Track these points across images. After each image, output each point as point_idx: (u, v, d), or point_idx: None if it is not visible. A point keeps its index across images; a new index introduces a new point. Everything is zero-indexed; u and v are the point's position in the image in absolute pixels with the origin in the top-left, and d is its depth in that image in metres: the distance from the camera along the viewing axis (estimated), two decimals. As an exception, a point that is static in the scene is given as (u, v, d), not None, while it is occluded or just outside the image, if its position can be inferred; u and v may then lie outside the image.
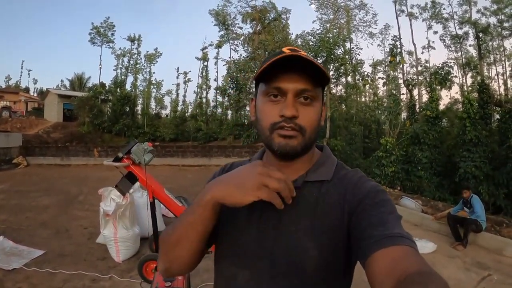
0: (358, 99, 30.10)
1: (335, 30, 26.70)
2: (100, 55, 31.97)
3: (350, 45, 27.02)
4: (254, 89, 1.04)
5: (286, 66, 0.88)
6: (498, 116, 18.40)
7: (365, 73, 23.08)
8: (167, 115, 36.18)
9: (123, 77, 33.08)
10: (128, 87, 32.91)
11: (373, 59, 33.41)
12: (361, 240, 0.81)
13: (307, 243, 0.89)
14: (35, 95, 49.22)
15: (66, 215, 8.08)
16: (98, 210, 5.71)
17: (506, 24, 25.12)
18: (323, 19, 29.43)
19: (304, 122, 0.90)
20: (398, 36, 22.06)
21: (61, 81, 59.83)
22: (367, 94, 34.65)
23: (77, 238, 6.36)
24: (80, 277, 4.62)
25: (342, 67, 21.10)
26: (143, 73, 34.05)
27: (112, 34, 32.13)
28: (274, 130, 0.91)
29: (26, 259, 5.21)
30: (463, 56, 27.57)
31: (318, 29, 23.26)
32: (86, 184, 12.47)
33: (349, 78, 25.97)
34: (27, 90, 50.45)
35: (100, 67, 32.63)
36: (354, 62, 24.35)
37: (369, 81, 22.23)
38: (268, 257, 0.91)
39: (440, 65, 18.83)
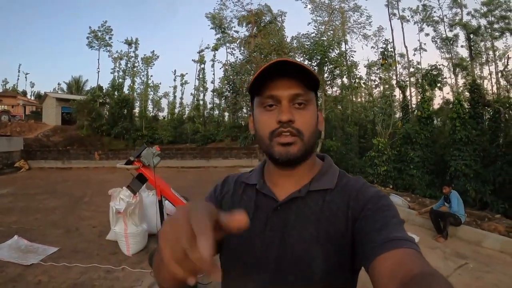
0: (354, 99, 30.55)
1: (330, 32, 27.15)
2: (98, 59, 32.11)
3: (345, 47, 27.44)
4: (250, 104, 1.05)
5: (276, 74, 0.90)
6: (488, 116, 18.80)
7: (358, 75, 23.52)
8: (164, 118, 36.46)
9: (120, 80, 33.45)
10: (125, 90, 33.27)
11: (368, 60, 33.91)
12: (364, 245, 0.82)
13: (313, 252, 0.89)
14: (32, 98, 49.33)
15: (74, 216, 8.45)
16: (105, 210, 6.14)
17: (496, 26, 25.79)
18: (318, 21, 29.82)
19: (301, 126, 0.91)
20: (389, 40, 22.53)
21: (58, 84, 60.16)
22: (363, 94, 35.11)
23: (87, 236, 6.75)
24: (95, 270, 5.05)
25: (337, 69, 21.49)
26: (141, 76, 34.42)
27: (110, 38, 32.51)
28: (273, 138, 0.92)
29: (42, 255, 5.58)
30: (453, 58, 28.12)
31: (312, 32, 23.74)
32: (89, 187, 12.80)
33: (345, 79, 26.45)
34: (24, 93, 50.52)
35: (98, 71, 32.98)
36: (349, 63, 24.76)
37: (361, 83, 22.63)
38: (274, 268, 0.91)
39: (430, 68, 19.35)
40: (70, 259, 5.43)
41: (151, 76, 38.52)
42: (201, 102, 33.29)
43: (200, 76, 33.60)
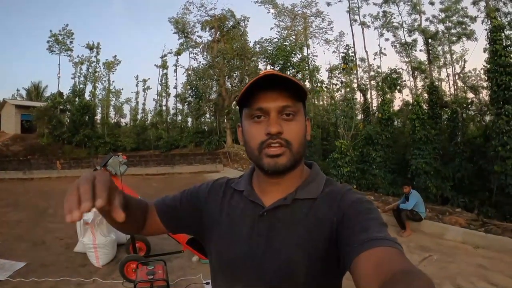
0: (316, 102, 31.00)
1: (292, 37, 27.48)
2: (59, 64, 31.18)
3: (307, 52, 27.85)
4: (238, 115, 1.07)
5: (265, 87, 0.92)
6: (446, 116, 19.49)
7: (320, 79, 23.90)
8: (126, 124, 35.86)
9: (81, 86, 32.66)
10: (87, 96, 32.54)
11: (329, 64, 34.44)
12: (346, 245, 0.82)
13: (297, 256, 0.91)
14: (-11, 106, 47.40)
15: (40, 228, 8.28)
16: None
17: (453, 31, 27.04)
18: (281, 26, 30.04)
19: (290, 137, 0.93)
20: (350, 45, 22.97)
21: (17, 90, 57.85)
22: (325, 98, 35.64)
23: (55, 249, 6.65)
24: (65, 283, 4.99)
25: (299, 73, 21.75)
26: (102, 81, 33.75)
27: (71, 42, 31.63)
28: (262, 149, 0.93)
29: (10, 271, 5.44)
30: (412, 61, 29.07)
31: (275, 37, 23.96)
32: (52, 198, 12.44)
33: (307, 83, 26.78)
34: (-20, 101, 48.55)
35: (59, 76, 31.96)
36: (311, 67, 25.12)
37: (323, 87, 23.05)
38: (259, 273, 0.93)
39: (390, 71, 19.96)
40: (39, 274, 5.33)
41: (113, 81, 37.78)
42: (164, 108, 32.98)
43: (163, 81, 33.23)
